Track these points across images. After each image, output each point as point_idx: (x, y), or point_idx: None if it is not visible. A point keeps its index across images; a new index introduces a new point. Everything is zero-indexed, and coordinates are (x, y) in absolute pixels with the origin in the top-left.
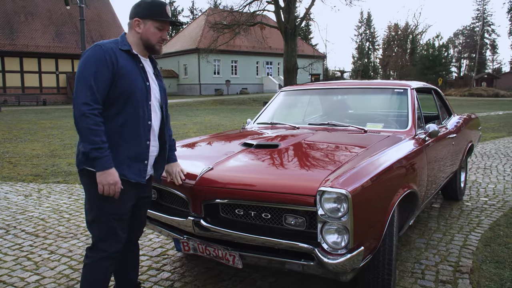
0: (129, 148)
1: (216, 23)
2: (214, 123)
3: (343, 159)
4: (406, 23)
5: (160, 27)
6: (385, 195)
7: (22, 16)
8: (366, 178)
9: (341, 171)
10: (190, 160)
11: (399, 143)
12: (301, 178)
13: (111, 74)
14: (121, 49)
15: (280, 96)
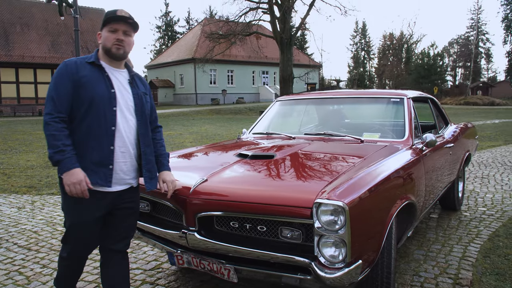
0: (92, 154)
1: (212, 33)
2: (211, 133)
3: (340, 170)
4: (401, 32)
5: (112, 29)
6: (383, 207)
7: (18, 27)
8: (363, 189)
9: (337, 182)
10: (184, 171)
11: (396, 153)
12: (297, 189)
13: (71, 84)
14: (87, 61)
15: (275, 105)
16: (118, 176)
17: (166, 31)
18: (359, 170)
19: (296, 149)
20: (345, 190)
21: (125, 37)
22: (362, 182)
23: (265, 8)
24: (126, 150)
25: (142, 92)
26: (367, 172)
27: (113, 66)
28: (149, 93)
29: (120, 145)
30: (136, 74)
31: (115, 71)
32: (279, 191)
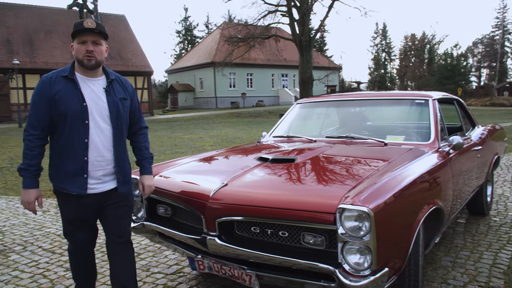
0: (67, 165)
1: (231, 37)
2: (231, 136)
3: (363, 174)
4: (423, 33)
5: (81, 41)
6: (409, 212)
7: (42, 34)
8: (388, 194)
9: (362, 187)
10: (204, 175)
11: (422, 157)
12: (319, 194)
13: (45, 102)
14: (61, 75)
15: (295, 108)
16: (94, 182)
17: (186, 35)
18: (383, 174)
19: (317, 152)
20: (370, 195)
21: (95, 46)
22: (387, 186)
23: (284, 11)
24: (102, 158)
25: (119, 98)
26: (392, 176)
27: (88, 76)
28: (131, 96)
29: (95, 155)
30: (117, 79)
31: (90, 81)
32: (301, 196)
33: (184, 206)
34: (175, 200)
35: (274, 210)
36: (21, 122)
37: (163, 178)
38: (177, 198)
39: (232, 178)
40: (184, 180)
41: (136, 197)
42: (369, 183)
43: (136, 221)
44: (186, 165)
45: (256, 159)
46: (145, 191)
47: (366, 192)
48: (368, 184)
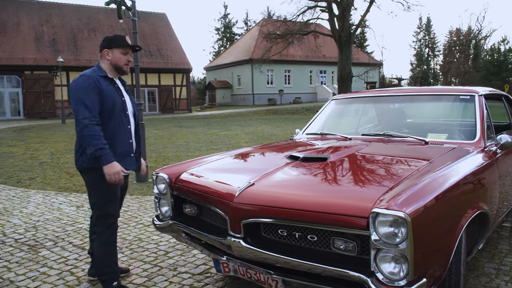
0: (118, 148)
1: (269, 33)
2: (267, 133)
3: (401, 175)
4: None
5: (124, 52)
6: (451, 217)
7: (85, 32)
8: (428, 197)
9: (399, 189)
10: (231, 174)
11: (467, 157)
12: (352, 196)
13: (96, 94)
14: (99, 75)
15: (331, 104)
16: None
17: (225, 33)
18: (423, 175)
19: (352, 151)
20: (407, 198)
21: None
22: (428, 189)
23: (324, 6)
24: (133, 142)
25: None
26: (433, 178)
27: (115, 78)
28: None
29: (133, 139)
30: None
31: (116, 81)
32: (331, 198)
33: (208, 205)
34: (200, 199)
35: (302, 213)
36: (64, 119)
37: (190, 176)
38: (201, 197)
39: (259, 178)
40: (210, 178)
41: (162, 194)
42: (407, 185)
43: (163, 219)
44: (213, 163)
45: (287, 157)
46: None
47: (403, 195)
48: (406, 186)
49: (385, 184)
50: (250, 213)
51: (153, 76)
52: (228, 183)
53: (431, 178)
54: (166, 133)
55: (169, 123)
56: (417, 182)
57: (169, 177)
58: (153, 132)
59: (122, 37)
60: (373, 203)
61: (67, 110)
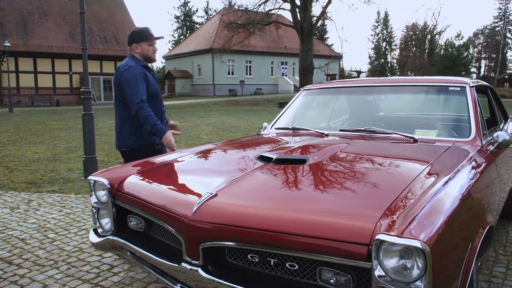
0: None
1: (230, 23)
2: (228, 125)
3: (401, 184)
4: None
5: (150, 44)
6: (465, 241)
7: (36, 16)
8: (442, 218)
9: (403, 206)
10: (187, 179)
11: (468, 159)
12: (345, 214)
13: (145, 82)
14: (141, 65)
15: (302, 95)
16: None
17: (185, 21)
18: (427, 185)
19: (333, 150)
20: (420, 220)
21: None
22: (439, 206)
23: None
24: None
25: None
26: (443, 191)
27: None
28: None
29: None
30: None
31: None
32: (318, 215)
33: (158, 221)
34: (148, 213)
35: (279, 236)
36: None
37: (136, 181)
38: (150, 210)
39: (224, 186)
40: (161, 185)
41: (101, 204)
42: (411, 199)
43: (102, 234)
44: (167, 166)
45: (257, 158)
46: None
47: (414, 217)
48: (411, 202)
49: (384, 197)
50: (211, 234)
51: (109, 64)
52: (184, 193)
53: (440, 192)
54: None
55: None
56: (425, 197)
57: (109, 182)
58: (108, 123)
59: (146, 30)
60: (374, 225)
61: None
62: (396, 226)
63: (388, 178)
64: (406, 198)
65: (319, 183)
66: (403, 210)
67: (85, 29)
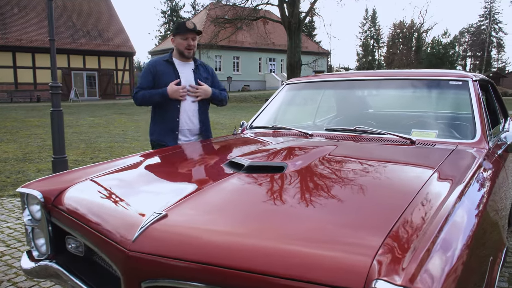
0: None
1: (217, 18)
2: (213, 121)
3: (402, 202)
4: (412, 21)
5: (183, 38)
6: (483, 272)
7: (15, 8)
8: (460, 251)
9: (408, 235)
10: (135, 196)
11: (476, 166)
12: (329, 246)
13: (151, 75)
14: (162, 59)
15: (284, 90)
16: (183, 138)
17: (171, 16)
18: (437, 204)
19: (317, 154)
20: (434, 260)
21: (193, 42)
22: (456, 234)
23: None
24: (189, 120)
25: (203, 77)
26: (457, 211)
27: (183, 61)
28: (211, 76)
29: (185, 117)
30: (201, 63)
31: (183, 64)
32: (295, 245)
33: (94, 248)
34: (83, 235)
35: (248, 276)
36: None
37: (74, 195)
38: (85, 232)
39: (176, 204)
40: (102, 201)
41: (35, 221)
42: (419, 222)
43: (37, 258)
44: (116, 174)
45: (226, 164)
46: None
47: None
48: (419, 226)
49: (380, 220)
50: (156, 269)
51: (92, 59)
52: (127, 213)
53: (454, 214)
54: (103, 120)
55: (109, 109)
56: (434, 222)
57: (44, 196)
58: (88, 120)
59: (182, 23)
60: (369, 264)
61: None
62: (401, 267)
63: (384, 192)
64: (410, 223)
65: (298, 200)
66: (407, 241)
67: (53, 18)
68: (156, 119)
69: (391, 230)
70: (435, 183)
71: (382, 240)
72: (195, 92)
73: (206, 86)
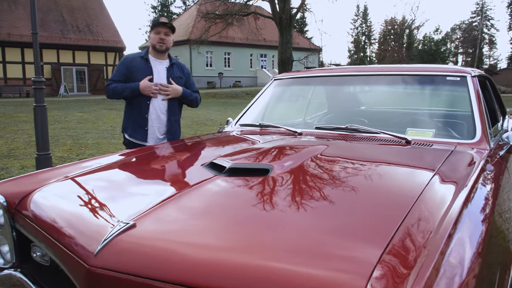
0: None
1: (208, 13)
2: (203, 118)
3: (399, 212)
4: (403, 17)
5: (156, 32)
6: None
7: (5, 3)
8: (468, 269)
9: (408, 252)
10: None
11: (480, 170)
12: (317, 264)
13: (125, 69)
14: (139, 55)
15: (273, 86)
16: (151, 136)
17: (162, 11)
18: (440, 215)
19: (306, 155)
20: (442, 282)
21: (166, 36)
22: (462, 250)
23: None
24: (158, 118)
25: (175, 76)
26: (462, 223)
27: (158, 58)
28: (185, 76)
29: (154, 115)
30: (177, 63)
31: (158, 62)
32: (278, 262)
33: (56, 259)
34: (46, 245)
35: None
36: None
37: (40, 199)
38: (47, 242)
39: (146, 212)
40: (68, 207)
41: None
42: (419, 236)
43: (2, 266)
44: (86, 177)
45: (206, 166)
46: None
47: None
48: (421, 242)
49: (375, 233)
50: (120, 285)
51: (82, 54)
52: (92, 221)
53: (460, 227)
54: (92, 116)
55: (98, 105)
56: (437, 236)
57: (6, 199)
58: (76, 116)
59: (155, 19)
60: (364, 287)
61: None
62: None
63: (380, 198)
64: (411, 234)
65: (283, 207)
66: (409, 257)
67: (35, 10)
68: (127, 114)
69: (389, 243)
70: (436, 188)
71: (379, 256)
72: (165, 90)
73: (177, 86)
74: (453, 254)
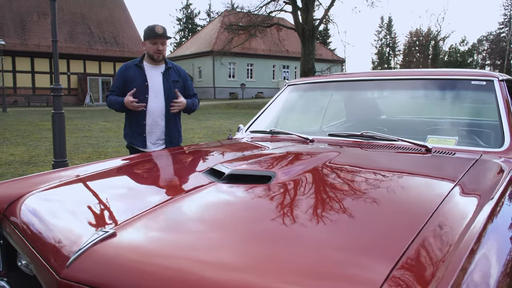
0: (133, 126)
1: (231, 24)
2: (224, 128)
3: (415, 221)
4: (428, 28)
5: (152, 42)
6: None
7: (35, 15)
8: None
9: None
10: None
11: (509, 180)
12: (314, 279)
13: (122, 78)
14: (134, 63)
15: (286, 92)
16: (150, 142)
17: (187, 23)
18: (459, 231)
19: (314, 163)
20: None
21: (162, 46)
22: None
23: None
24: (156, 124)
25: (172, 80)
26: (485, 242)
27: (153, 64)
28: (182, 79)
29: (151, 121)
30: (173, 66)
31: (153, 68)
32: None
33: (32, 267)
34: (25, 253)
35: None
36: (6, 107)
37: (29, 205)
38: (26, 250)
39: (130, 219)
40: (54, 214)
41: None
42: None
43: None
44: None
45: (205, 172)
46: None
47: None
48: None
49: (385, 247)
50: None
51: (108, 65)
52: (72, 230)
53: (485, 239)
54: (115, 125)
55: (122, 114)
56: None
57: None
58: (100, 124)
59: (151, 28)
60: None
61: (12, 98)
62: None
63: (393, 209)
64: (426, 250)
65: (284, 218)
66: (422, 275)
67: (56, 17)
68: (126, 121)
69: (400, 258)
70: (457, 199)
71: (388, 272)
72: (173, 106)
73: (183, 99)
74: (477, 272)
